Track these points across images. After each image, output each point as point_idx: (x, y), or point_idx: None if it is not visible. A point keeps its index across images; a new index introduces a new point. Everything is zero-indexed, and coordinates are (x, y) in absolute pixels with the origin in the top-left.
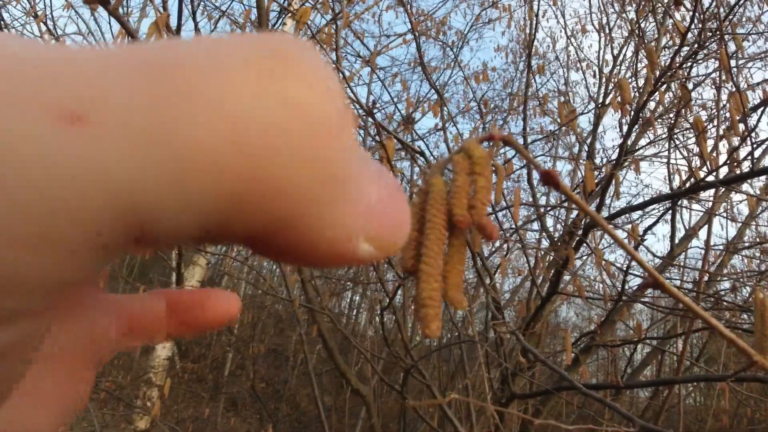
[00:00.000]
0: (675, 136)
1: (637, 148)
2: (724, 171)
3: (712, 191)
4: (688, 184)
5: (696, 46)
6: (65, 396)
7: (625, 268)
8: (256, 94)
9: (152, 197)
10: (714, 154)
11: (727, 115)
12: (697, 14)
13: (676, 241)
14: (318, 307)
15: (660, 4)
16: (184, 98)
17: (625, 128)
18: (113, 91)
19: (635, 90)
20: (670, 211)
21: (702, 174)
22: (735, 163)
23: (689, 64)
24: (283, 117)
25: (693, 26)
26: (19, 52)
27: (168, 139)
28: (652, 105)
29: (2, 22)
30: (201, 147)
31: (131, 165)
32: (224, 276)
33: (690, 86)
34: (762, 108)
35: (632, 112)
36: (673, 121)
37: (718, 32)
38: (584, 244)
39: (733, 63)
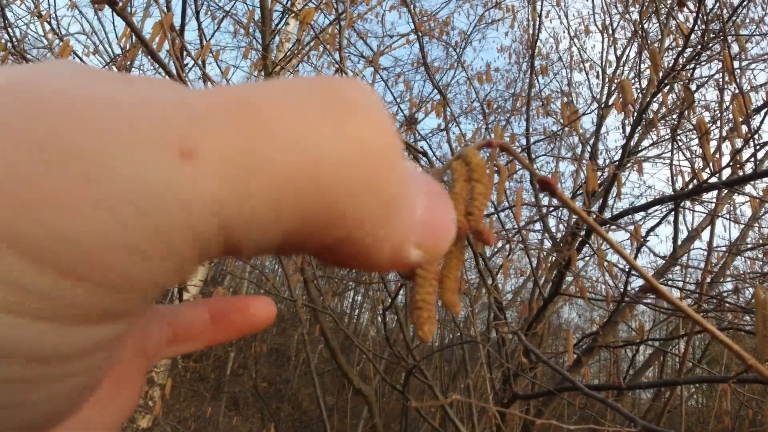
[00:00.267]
0: (678, 137)
1: (639, 149)
2: (726, 173)
3: (715, 193)
4: (690, 186)
5: (699, 47)
6: (122, 401)
7: (627, 269)
8: (326, 135)
9: (249, 215)
10: (717, 156)
11: (730, 116)
12: (700, 15)
13: (679, 242)
14: (320, 307)
15: (663, 5)
16: (268, 137)
17: (627, 129)
18: (213, 129)
19: (638, 91)
20: (673, 213)
21: (705, 175)
22: (738, 165)
23: (692, 65)
24: (350, 153)
25: (696, 27)
26: (146, 97)
27: (260, 170)
28: (655, 106)
29: (6, 21)
30: (287, 178)
31: (231, 189)
32: (227, 275)
33: (693, 88)
34: (765, 110)
35: (635, 113)
36: (676, 123)
37: (721, 33)
38: (587, 245)
39: (736, 64)
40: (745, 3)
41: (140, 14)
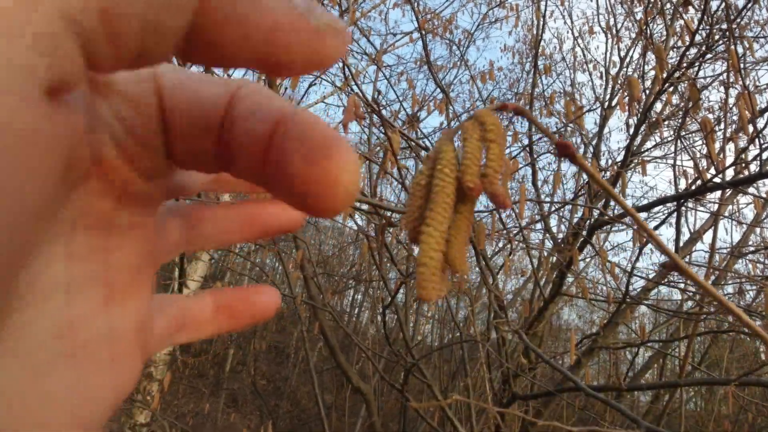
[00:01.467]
0: (682, 137)
1: (643, 150)
2: (730, 173)
3: (718, 193)
4: (694, 187)
5: (704, 47)
6: (129, 310)
7: (629, 270)
8: None
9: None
10: (721, 156)
11: (735, 117)
12: (705, 16)
13: (681, 244)
14: (320, 305)
15: (669, 3)
16: None
17: (631, 129)
18: None
19: (642, 91)
20: (675, 214)
21: (709, 175)
22: (743, 165)
23: (697, 65)
24: None
25: (701, 27)
26: None
27: None
28: (659, 107)
29: None
30: None
31: None
32: (227, 272)
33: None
34: None
35: (639, 113)
36: (680, 123)
37: (727, 33)
38: (588, 245)
39: (741, 65)
40: (749, 5)
41: None
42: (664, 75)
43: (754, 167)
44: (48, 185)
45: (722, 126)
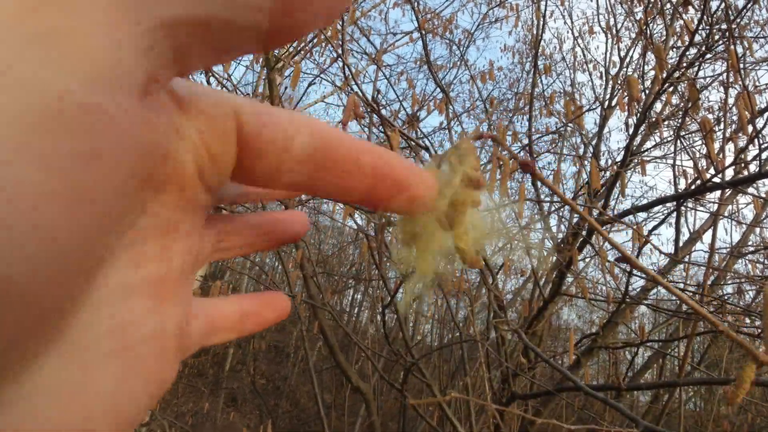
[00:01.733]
0: (682, 137)
1: (642, 150)
2: (730, 173)
3: (717, 193)
4: (693, 186)
5: (704, 47)
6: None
7: (629, 270)
8: None
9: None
10: (721, 156)
11: (734, 117)
12: (705, 16)
13: (681, 244)
14: (320, 304)
15: (669, 3)
16: None
17: (631, 129)
18: None
19: (642, 91)
20: (675, 214)
21: (708, 175)
22: (742, 164)
23: (697, 65)
24: None
25: (701, 27)
26: None
27: None
28: (658, 107)
29: None
30: None
31: None
32: (227, 271)
33: (697, 87)
34: None
35: (639, 113)
36: (680, 123)
37: (726, 33)
38: (588, 245)
39: (740, 65)
40: (749, 5)
41: None
42: (664, 75)
43: (753, 167)
44: (131, 188)
45: (722, 126)
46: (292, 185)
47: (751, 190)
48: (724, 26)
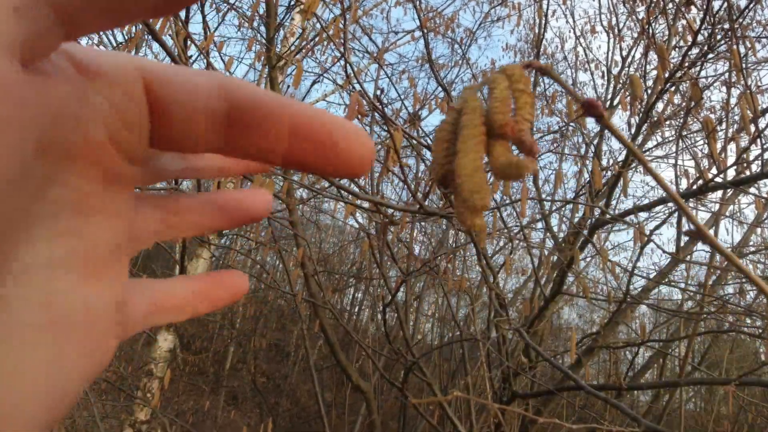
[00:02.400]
0: (684, 137)
1: (644, 149)
2: (731, 174)
3: (719, 193)
4: (695, 186)
5: (706, 47)
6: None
7: (630, 269)
8: None
9: None
10: (723, 156)
11: (736, 117)
12: (708, 16)
13: (682, 243)
14: (320, 303)
15: (672, 3)
16: None
17: (633, 128)
18: None
19: (644, 90)
20: (677, 214)
21: (710, 175)
22: (744, 164)
23: (699, 65)
24: None
25: (703, 27)
26: None
27: None
28: (660, 106)
29: None
30: None
31: None
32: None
33: (700, 87)
34: None
35: (641, 112)
36: (682, 122)
37: (729, 32)
38: (589, 245)
39: (743, 65)
40: (752, 5)
41: None
42: (666, 74)
43: (755, 167)
44: (25, 153)
45: (724, 126)
46: (213, 147)
47: (752, 190)
48: (726, 26)
